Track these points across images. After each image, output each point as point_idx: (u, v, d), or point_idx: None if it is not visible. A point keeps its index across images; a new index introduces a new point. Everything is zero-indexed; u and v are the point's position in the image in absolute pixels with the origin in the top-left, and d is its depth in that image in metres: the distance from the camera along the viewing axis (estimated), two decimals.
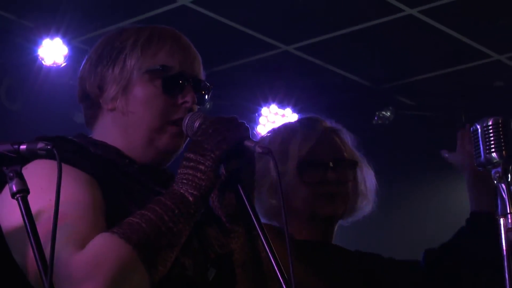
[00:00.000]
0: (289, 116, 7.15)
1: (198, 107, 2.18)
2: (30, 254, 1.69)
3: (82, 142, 2.09)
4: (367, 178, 2.81)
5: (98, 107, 2.16)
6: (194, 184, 1.94)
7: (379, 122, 7.20)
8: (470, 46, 6.44)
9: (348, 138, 2.83)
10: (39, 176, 1.89)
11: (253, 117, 7.09)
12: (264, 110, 7.11)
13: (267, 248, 1.97)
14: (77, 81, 2.21)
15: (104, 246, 1.81)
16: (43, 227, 1.73)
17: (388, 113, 7.21)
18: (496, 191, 2.30)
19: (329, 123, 2.85)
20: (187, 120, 2.09)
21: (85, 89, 2.17)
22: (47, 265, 1.60)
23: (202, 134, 2.00)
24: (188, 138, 2.11)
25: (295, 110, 7.14)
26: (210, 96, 2.23)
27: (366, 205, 2.80)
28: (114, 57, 2.13)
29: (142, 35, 2.16)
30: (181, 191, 1.94)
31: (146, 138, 2.10)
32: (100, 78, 2.14)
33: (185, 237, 1.92)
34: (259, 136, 3.02)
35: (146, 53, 2.13)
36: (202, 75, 2.20)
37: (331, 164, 2.70)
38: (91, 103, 2.17)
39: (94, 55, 2.18)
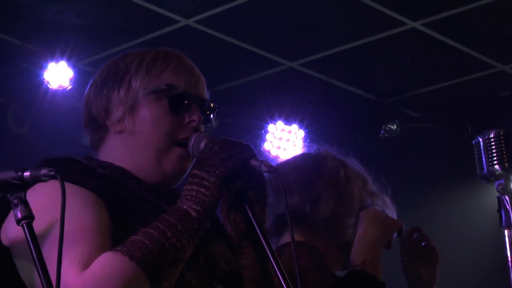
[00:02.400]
0: (296, 132, 7.15)
1: (204, 126, 2.21)
2: (36, 276, 1.71)
3: (89, 163, 2.11)
4: None
5: (105, 129, 2.18)
6: (197, 200, 1.96)
7: (386, 135, 7.20)
8: (474, 57, 6.45)
9: None
10: (46, 195, 1.91)
11: (259, 134, 7.10)
12: (270, 127, 7.12)
13: (276, 267, 1.99)
14: (82, 106, 2.23)
15: (109, 265, 1.83)
16: (48, 247, 1.75)
17: (394, 126, 7.21)
18: (499, 203, 2.31)
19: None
20: (193, 141, 2.11)
21: (91, 112, 2.19)
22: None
23: (208, 151, 2.03)
24: (194, 159, 2.13)
25: (301, 126, 7.14)
26: (215, 115, 2.26)
27: None
28: (119, 79, 2.16)
29: (147, 57, 2.19)
30: (184, 207, 1.96)
31: (154, 158, 2.12)
32: (106, 100, 2.16)
33: (189, 253, 1.94)
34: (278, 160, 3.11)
35: (151, 73, 2.15)
36: (207, 95, 2.22)
37: None
38: (97, 126, 2.19)
39: (98, 79, 2.21)
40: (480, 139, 2.38)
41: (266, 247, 2.02)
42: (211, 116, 2.22)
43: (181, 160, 2.13)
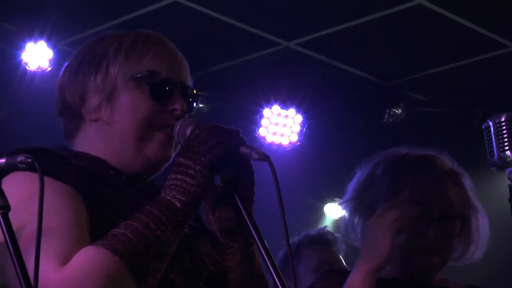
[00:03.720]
0: (293, 117, 7.14)
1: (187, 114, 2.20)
2: (11, 272, 1.70)
3: (63, 154, 2.10)
4: (481, 226, 2.81)
5: (80, 118, 2.17)
6: (182, 190, 1.96)
7: (390, 120, 7.20)
8: (484, 36, 6.44)
9: (467, 184, 2.83)
10: (18, 187, 1.91)
11: (254, 118, 7.10)
12: (266, 111, 7.10)
13: (268, 263, 1.98)
14: (56, 92, 2.22)
15: (90, 259, 1.83)
16: (24, 242, 1.76)
17: (399, 111, 7.21)
18: (511, 191, 2.31)
19: (448, 163, 2.87)
20: (178, 127, 2.10)
21: (65, 99, 2.18)
22: (30, 284, 1.62)
23: (194, 138, 2.03)
24: (179, 147, 2.13)
25: (299, 110, 7.13)
26: (199, 101, 2.26)
27: (476, 253, 2.83)
28: (96, 64, 2.15)
29: (126, 41, 2.18)
30: (168, 197, 1.96)
31: (133, 147, 2.12)
32: (81, 87, 2.15)
33: (175, 247, 1.94)
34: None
35: (131, 58, 2.15)
36: (190, 82, 2.22)
37: (436, 218, 2.73)
38: (72, 114, 2.18)
39: (74, 63, 2.20)
40: (491, 123, 2.38)
41: (258, 242, 2.01)
42: (194, 104, 2.23)
43: (163, 146, 2.14)
